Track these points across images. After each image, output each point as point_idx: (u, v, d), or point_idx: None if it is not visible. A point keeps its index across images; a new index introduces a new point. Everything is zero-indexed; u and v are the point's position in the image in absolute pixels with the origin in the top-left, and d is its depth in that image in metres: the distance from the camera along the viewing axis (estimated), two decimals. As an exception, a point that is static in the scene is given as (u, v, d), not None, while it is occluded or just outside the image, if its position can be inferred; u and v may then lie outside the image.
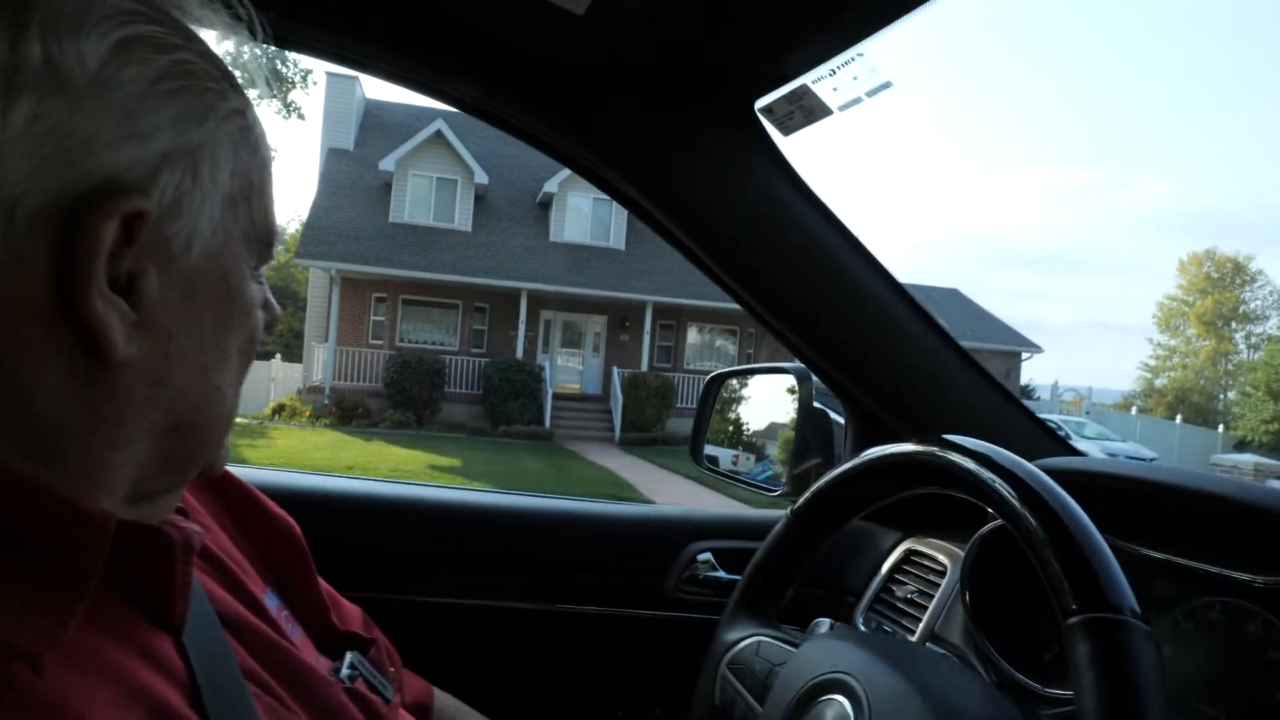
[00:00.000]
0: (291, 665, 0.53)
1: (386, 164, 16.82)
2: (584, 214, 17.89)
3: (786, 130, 0.86)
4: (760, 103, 0.85)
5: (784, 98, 0.82)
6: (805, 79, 0.78)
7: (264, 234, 0.48)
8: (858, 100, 0.77)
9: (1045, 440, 1.07)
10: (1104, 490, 0.77)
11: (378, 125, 19.12)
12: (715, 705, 0.75)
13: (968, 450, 0.57)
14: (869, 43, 0.72)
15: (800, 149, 0.89)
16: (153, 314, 0.40)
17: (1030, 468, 0.53)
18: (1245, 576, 0.65)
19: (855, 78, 0.75)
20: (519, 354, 16.72)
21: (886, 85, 0.73)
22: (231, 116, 0.45)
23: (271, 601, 0.60)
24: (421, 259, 16.36)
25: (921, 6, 0.66)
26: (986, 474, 0.54)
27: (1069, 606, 0.45)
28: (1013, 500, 0.51)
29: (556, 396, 16.64)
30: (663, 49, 0.80)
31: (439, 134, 16.92)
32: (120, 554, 0.39)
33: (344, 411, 14.97)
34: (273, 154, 0.51)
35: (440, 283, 16.52)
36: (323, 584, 0.69)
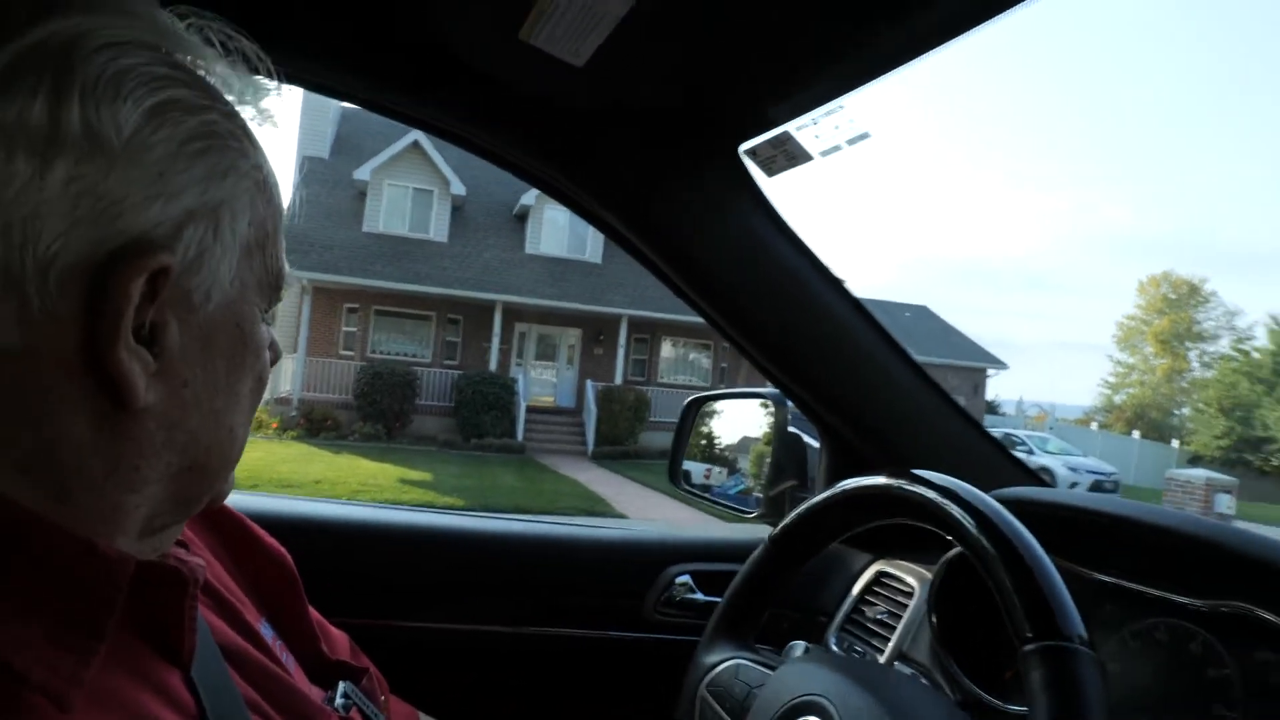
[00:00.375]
0: (290, 696, 0.55)
1: (361, 173, 16.72)
2: (560, 226, 17.92)
3: (770, 172, 0.91)
4: (745, 146, 0.89)
5: (768, 142, 0.86)
6: (789, 126, 0.83)
7: (275, 278, 0.50)
8: (837, 148, 0.82)
9: (1006, 464, 1.12)
10: (1059, 519, 0.82)
11: (354, 134, 19.00)
12: None
13: (934, 485, 0.61)
14: (850, 96, 0.77)
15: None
16: (172, 363, 0.42)
17: (990, 501, 0.58)
18: (1186, 600, 0.70)
19: (836, 127, 0.79)
20: (492, 366, 16.66)
21: (865, 136, 0.78)
22: (251, 172, 0.47)
23: (266, 632, 0.61)
24: (395, 269, 16.26)
25: (900, 67, 0.71)
26: (951, 507, 0.59)
27: (1024, 634, 0.49)
28: (974, 532, 0.56)
29: (529, 409, 16.59)
30: (655, 96, 0.84)
31: (416, 144, 16.86)
32: (135, 592, 0.40)
33: (312, 424, 14.78)
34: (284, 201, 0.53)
35: (414, 294, 16.42)
36: (311, 612, 0.71)
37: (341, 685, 0.65)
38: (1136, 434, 30.30)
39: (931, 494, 0.61)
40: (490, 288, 16.61)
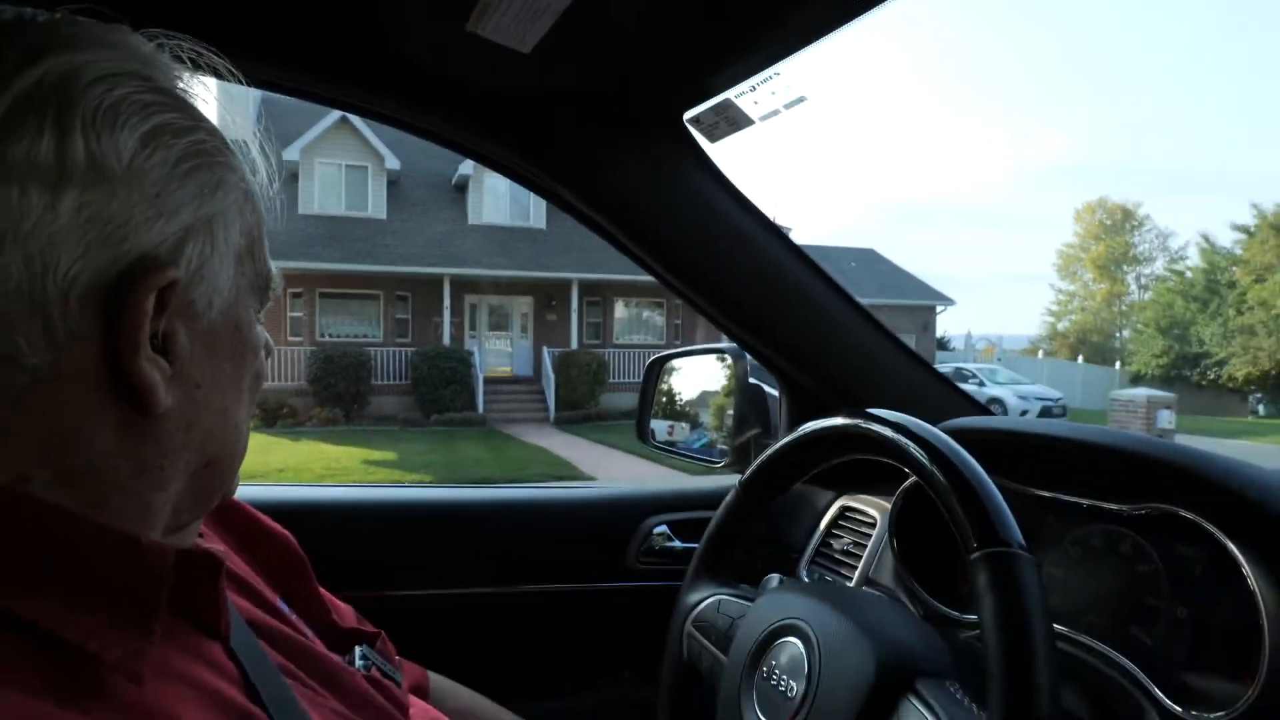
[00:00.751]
0: (318, 661, 0.60)
1: (290, 153, 16.16)
2: (501, 195, 17.68)
3: (713, 138, 0.95)
4: (688, 114, 0.93)
5: (710, 110, 0.90)
6: (729, 94, 0.86)
7: (265, 280, 0.54)
8: (776, 112, 0.86)
9: (951, 396, 1.20)
10: (1000, 444, 0.89)
11: (277, 113, 18.28)
12: (684, 660, 0.84)
13: (887, 421, 0.67)
14: (785, 62, 0.81)
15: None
16: (183, 368, 0.45)
17: (937, 432, 0.64)
18: (1115, 507, 0.78)
19: (773, 93, 0.83)
20: (446, 341, 16.50)
21: (801, 99, 0.83)
22: (237, 184, 0.50)
23: (283, 607, 0.65)
24: (336, 250, 15.89)
25: (830, 34, 0.75)
26: (903, 440, 0.64)
27: (970, 545, 0.55)
28: (924, 461, 0.61)
29: (488, 381, 16.52)
30: (601, 74, 0.87)
31: (344, 119, 16.34)
32: (176, 577, 0.44)
33: (267, 413, 14.50)
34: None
35: (358, 273, 16.10)
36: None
37: (358, 649, 0.69)
38: (1080, 359, 31.44)
39: (885, 430, 0.67)
40: (436, 261, 16.36)
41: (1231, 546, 0.67)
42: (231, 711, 0.45)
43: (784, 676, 0.66)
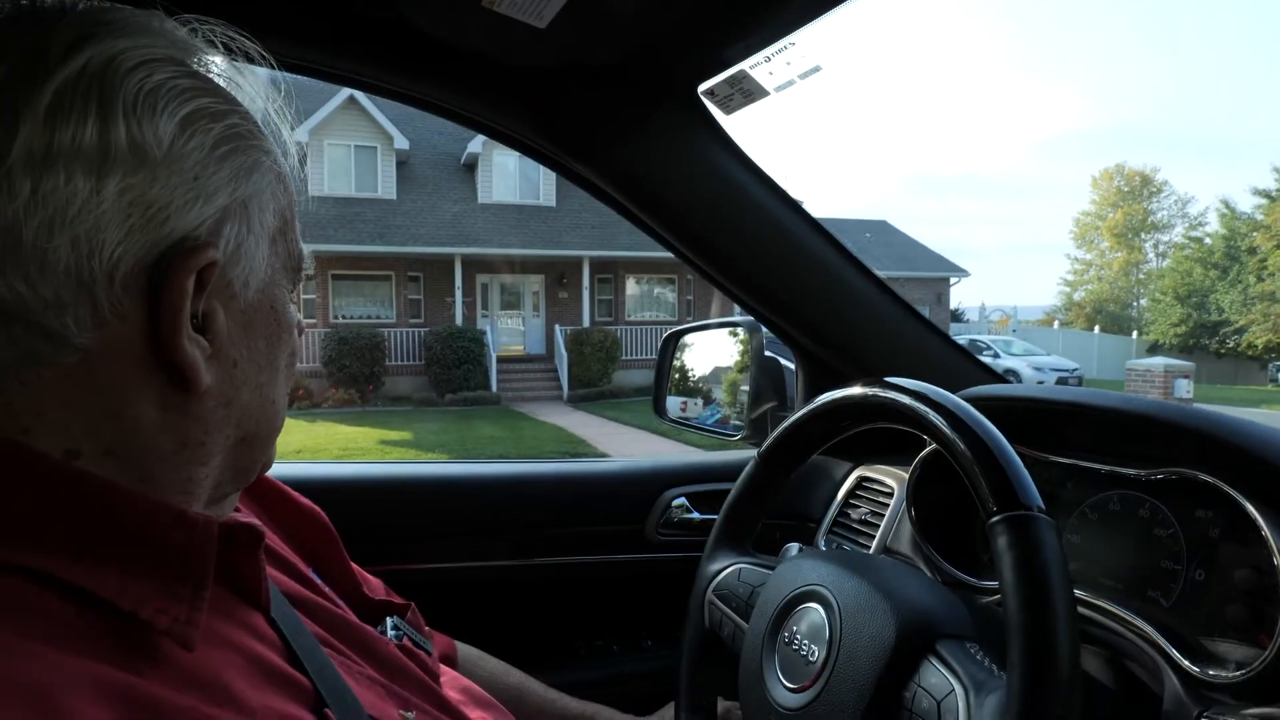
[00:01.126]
0: (353, 631, 0.61)
1: (299, 134, 16.00)
2: (510, 172, 17.61)
3: (728, 110, 0.94)
4: (703, 87, 0.92)
5: (725, 81, 0.90)
6: (744, 65, 0.86)
7: (297, 261, 0.55)
8: (791, 82, 0.85)
9: (968, 366, 1.20)
10: (1019, 411, 0.89)
11: (284, 94, 18.25)
12: (705, 628, 0.85)
13: (906, 389, 0.67)
14: (801, 32, 0.80)
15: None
16: (222, 346, 0.47)
17: (957, 399, 0.64)
18: (1133, 472, 0.78)
19: (788, 63, 0.83)
20: (458, 320, 16.55)
21: (816, 69, 0.82)
22: (271, 166, 0.51)
23: (316, 580, 0.67)
24: (347, 232, 15.92)
25: (844, 2, 0.74)
26: (922, 408, 0.64)
27: (990, 509, 0.56)
28: (944, 428, 0.62)
29: (501, 359, 16.59)
30: (616, 48, 0.87)
31: (352, 99, 16.29)
32: (220, 548, 0.46)
33: (283, 394, 14.61)
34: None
35: (370, 254, 16.14)
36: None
37: (390, 619, 0.71)
38: (1097, 329, 31.14)
39: (904, 397, 0.67)
40: (447, 241, 16.36)
41: (1251, 509, 0.67)
42: (275, 678, 0.47)
43: (805, 641, 0.67)
